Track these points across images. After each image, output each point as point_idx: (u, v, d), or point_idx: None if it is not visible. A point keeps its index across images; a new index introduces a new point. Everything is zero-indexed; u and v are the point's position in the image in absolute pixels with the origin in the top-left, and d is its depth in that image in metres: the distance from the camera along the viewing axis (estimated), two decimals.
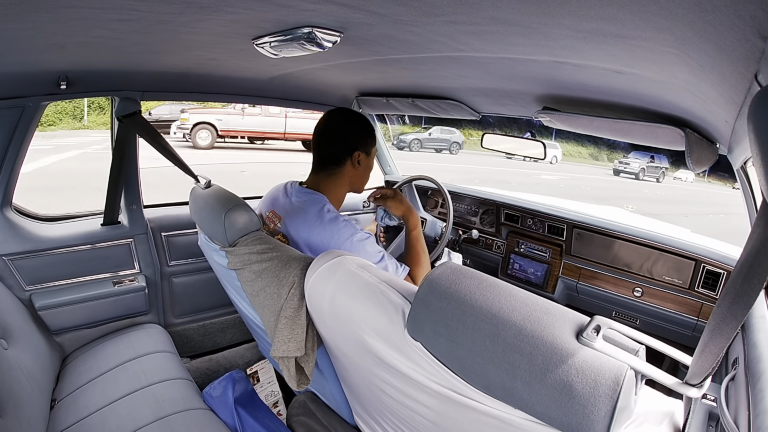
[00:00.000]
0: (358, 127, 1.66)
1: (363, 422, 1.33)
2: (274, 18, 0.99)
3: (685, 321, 2.20)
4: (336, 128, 1.65)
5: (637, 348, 0.70)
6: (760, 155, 0.42)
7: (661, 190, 19.39)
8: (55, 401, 1.64)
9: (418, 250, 1.85)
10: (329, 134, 1.66)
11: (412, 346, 0.90)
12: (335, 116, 1.68)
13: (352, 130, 1.65)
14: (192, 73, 1.81)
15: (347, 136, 1.64)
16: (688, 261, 2.18)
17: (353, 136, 1.64)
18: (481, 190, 3.10)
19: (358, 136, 1.65)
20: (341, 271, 1.10)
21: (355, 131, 1.65)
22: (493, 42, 1.05)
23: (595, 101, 1.55)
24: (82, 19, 0.96)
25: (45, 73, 1.58)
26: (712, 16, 0.58)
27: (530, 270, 2.77)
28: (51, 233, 2.01)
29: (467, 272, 0.89)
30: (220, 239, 1.47)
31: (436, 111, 2.30)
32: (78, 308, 2.02)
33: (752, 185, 1.56)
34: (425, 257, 1.87)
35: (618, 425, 0.66)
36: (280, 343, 1.24)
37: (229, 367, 2.32)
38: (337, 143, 1.64)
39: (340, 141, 1.64)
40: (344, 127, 1.65)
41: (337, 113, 1.69)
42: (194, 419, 1.55)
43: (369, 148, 1.69)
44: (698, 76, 0.89)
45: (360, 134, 1.66)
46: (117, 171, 2.05)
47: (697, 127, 1.38)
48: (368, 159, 1.70)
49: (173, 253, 2.37)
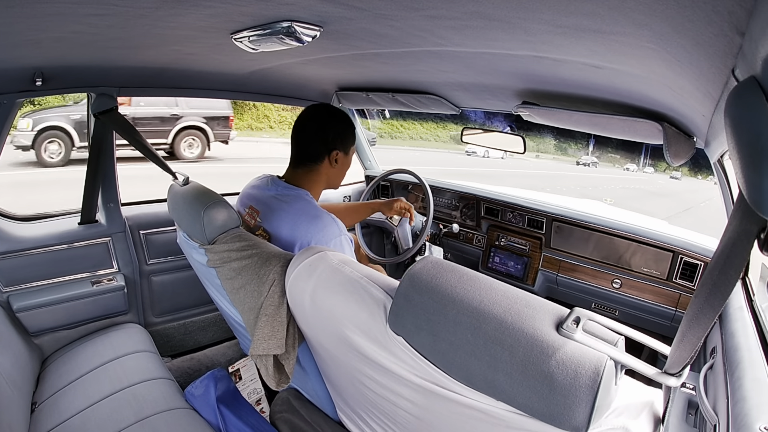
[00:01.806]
0: (337, 125, 1.64)
1: (347, 417, 1.33)
2: (252, 12, 0.98)
3: (663, 311, 2.24)
4: (315, 126, 1.63)
5: (617, 339, 0.71)
6: (737, 149, 0.43)
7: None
8: (35, 404, 1.61)
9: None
10: (308, 131, 1.63)
11: (394, 340, 0.90)
12: (315, 113, 1.65)
13: (331, 129, 1.62)
14: (170, 69, 1.78)
15: (326, 135, 1.62)
16: (666, 253, 2.22)
17: (332, 134, 1.62)
18: (462, 184, 3.12)
19: (337, 134, 1.63)
20: (323, 266, 1.10)
21: (334, 130, 1.63)
22: (474, 37, 1.05)
23: (575, 96, 1.56)
24: (57, 14, 0.94)
25: (20, 70, 1.54)
26: (690, 12, 0.59)
27: (510, 263, 2.79)
28: (27, 233, 1.97)
29: (448, 266, 0.89)
30: (199, 237, 1.45)
31: (416, 106, 2.30)
32: (56, 309, 1.99)
33: (728, 178, 1.59)
34: (349, 218, 2.24)
35: (598, 415, 0.67)
36: (259, 340, 1.23)
37: (211, 365, 2.31)
38: (316, 141, 1.62)
39: (318, 139, 1.62)
40: (323, 125, 1.62)
41: (317, 109, 1.66)
42: (177, 419, 1.54)
43: (347, 146, 1.68)
44: (676, 71, 0.90)
45: (339, 133, 1.63)
46: (94, 168, 2.02)
47: (675, 121, 1.40)
48: (346, 157, 1.69)
49: (152, 251, 2.34)
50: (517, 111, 1.83)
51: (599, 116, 1.54)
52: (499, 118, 15.98)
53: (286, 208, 1.56)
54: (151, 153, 1.88)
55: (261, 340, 1.23)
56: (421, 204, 3.20)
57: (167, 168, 1.86)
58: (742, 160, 0.42)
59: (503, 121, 2.67)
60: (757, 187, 0.39)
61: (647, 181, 26.44)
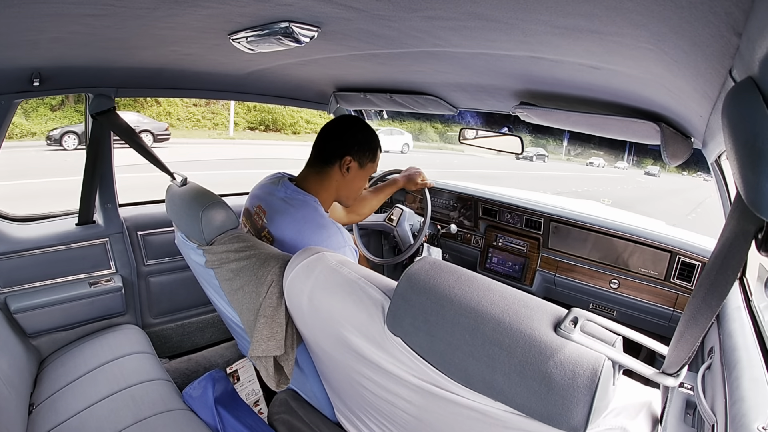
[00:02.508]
0: (357, 134, 1.64)
1: (345, 418, 1.33)
2: (250, 12, 0.98)
3: (661, 312, 2.25)
4: (336, 130, 1.65)
5: (614, 339, 0.71)
6: (734, 149, 0.43)
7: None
8: (33, 406, 1.61)
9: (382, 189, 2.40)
10: (328, 134, 1.65)
11: (392, 341, 0.90)
12: (341, 120, 1.68)
13: (350, 135, 1.63)
14: (167, 69, 1.78)
15: (342, 139, 1.62)
16: (664, 253, 2.22)
17: (349, 140, 1.62)
18: (459, 184, 3.12)
19: (354, 142, 1.63)
20: (320, 267, 1.10)
21: (353, 137, 1.63)
22: (471, 37, 1.05)
23: (572, 96, 1.56)
24: (55, 14, 0.94)
25: (17, 70, 1.54)
26: (688, 13, 0.59)
27: (508, 263, 2.79)
28: (24, 234, 1.96)
29: (446, 267, 0.89)
30: (197, 237, 1.45)
31: (413, 106, 2.30)
32: (54, 310, 1.99)
33: (726, 178, 1.59)
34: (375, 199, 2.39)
35: (596, 415, 0.67)
36: (259, 342, 1.23)
37: (209, 366, 2.30)
38: (333, 140, 1.63)
39: (336, 138, 1.63)
40: (344, 130, 1.64)
41: (344, 117, 1.68)
42: (174, 420, 1.53)
43: (363, 159, 1.66)
44: (673, 72, 0.90)
45: (356, 141, 1.63)
46: (91, 169, 2.01)
47: (672, 121, 1.40)
48: (360, 171, 1.67)
49: (150, 252, 2.34)
50: (514, 112, 1.83)
51: (596, 117, 1.54)
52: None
53: (293, 213, 1.54)
54: (149, 154, 1.88)
55: (260, 341, 1.23)
56: (419, 205, 3.20)
57: (165, 168, 1.85)
58: (739, 160, 0.42)
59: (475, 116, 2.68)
60: (755, 188, 0.39)
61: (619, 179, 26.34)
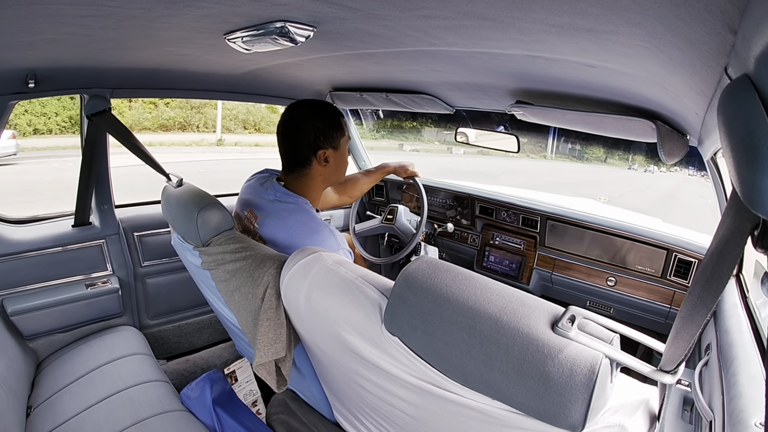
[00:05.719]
0: (320, 123, 1.53)
1: (343, 418, 1.33)
2: (246, 12, 0.98)
3: (658, 309, 2.25)
4: (297, 127, 1.54)
5: (612, 336, 0.71)
6: (730, 146, 0.43)
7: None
8: (31, 408, 1.60)
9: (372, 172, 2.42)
10: (291, 133, 1.56)
11: (390, 341, 0.90)
12: (295, 112, 1.56)
13: (313, 128, 1.52)
14: (163, 69, 1.77)
15: (309, 136, 1.53)
16: (660, 250, 2.22)
17: (315, 133, 1.53)
18: (456, 183, 3.11)
19: (319, 133, 1.53)
20: (317, 267, 1.09)
21: (316, 128, 1.53)
22: (467, 36, 1.05)
23: (568, 94, 1.56)
24: (50, 15, 0.93)
25: (12, 72, 1.53)
26: (683, 11, 0.59)
27: (505, 262, 2.80)
28: (21, 236, 1.96)
29: (443, 266, 0.89)
30: (193, 239, 1.44)
31: (410, 105, 2.30)
32: (51, 312, 1.98)
33: (722, 176, 1.60)
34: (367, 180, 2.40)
35: (594, 413, 0.67)
36: (265, 346, 1.22)
37: (207, 367, 2.29)
38: (299, 143, 1.54)
39: (301, 141, 1.54)
40: (305, 125, 1.53)
41: (298, 108, 1.56)
42: (173, 421, 1.53)
43: (336, 142, 1.57)
44: (669, 70, 0.90)
45: (323, 131, 1.54)
46: (87, 171, 2.01)
47: (668, 119, 1.40)
48: (337, 152, 1.59)
49: (146, 253, 2.33)
50: (510, 110, 1.83)
51: (593, 115, 1.54)
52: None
53: (285, 218, 1.52)
54: (144, 155, 1.87)
55: (266, 345, 1.22)
56: (416, 204, 3.19)
57: (161, 169, 1.85)
58: (735, 157, 0.42)
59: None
60: (750, 185, 0.39)
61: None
